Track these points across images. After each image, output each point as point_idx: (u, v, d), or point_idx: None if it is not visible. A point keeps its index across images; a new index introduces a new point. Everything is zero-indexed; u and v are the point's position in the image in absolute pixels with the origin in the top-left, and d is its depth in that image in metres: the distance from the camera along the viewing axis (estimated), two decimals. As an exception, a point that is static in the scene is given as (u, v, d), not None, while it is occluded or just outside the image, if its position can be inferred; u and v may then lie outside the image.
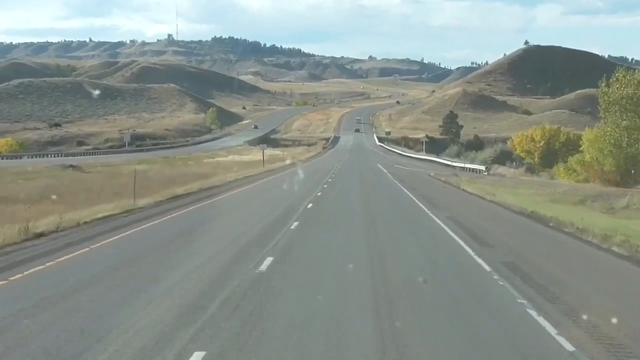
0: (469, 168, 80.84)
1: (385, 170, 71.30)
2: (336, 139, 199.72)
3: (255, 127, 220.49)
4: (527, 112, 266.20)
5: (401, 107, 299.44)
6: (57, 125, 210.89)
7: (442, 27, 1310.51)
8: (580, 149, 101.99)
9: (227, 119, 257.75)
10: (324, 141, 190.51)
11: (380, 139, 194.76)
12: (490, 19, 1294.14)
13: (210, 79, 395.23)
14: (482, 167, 75.52)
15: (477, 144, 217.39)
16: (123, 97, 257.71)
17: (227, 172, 74.15)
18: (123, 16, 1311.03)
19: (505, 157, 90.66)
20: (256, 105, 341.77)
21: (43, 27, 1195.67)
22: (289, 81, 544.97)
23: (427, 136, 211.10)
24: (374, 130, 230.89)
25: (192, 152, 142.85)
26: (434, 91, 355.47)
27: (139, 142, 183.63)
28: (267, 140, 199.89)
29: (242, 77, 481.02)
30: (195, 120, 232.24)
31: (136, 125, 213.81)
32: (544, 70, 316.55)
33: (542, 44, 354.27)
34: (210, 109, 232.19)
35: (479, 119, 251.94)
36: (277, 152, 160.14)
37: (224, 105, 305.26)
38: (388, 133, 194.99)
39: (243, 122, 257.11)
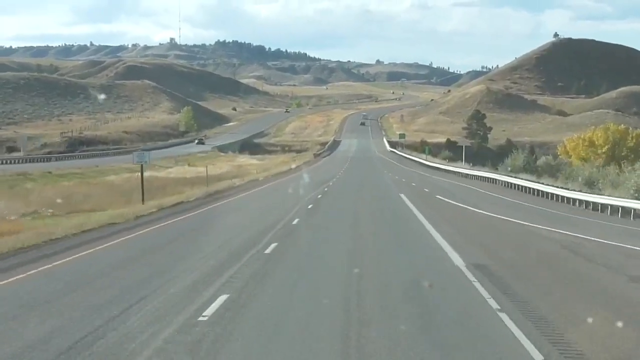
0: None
1: (458, 260, 17.10)
2: (335, 144, 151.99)
3: (200, 140, 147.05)
4: (562, 113, 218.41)
5: (413, 109, 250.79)
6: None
7: (450, 32, 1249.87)
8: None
9: (211, 120, 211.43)
10: (319, 146, 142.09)
11: (392, 144, 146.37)
12: (498, 25, 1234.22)
13: (204, 79, 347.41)
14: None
15: (509, 150, 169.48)
16: (87, 95, 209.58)
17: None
18: (130, 22, 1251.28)
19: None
20: (252, 107, 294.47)
21: (50, 33, 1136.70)
22: (294, 85, 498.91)
23: (448, 139, 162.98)
24: (384, 133, 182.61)
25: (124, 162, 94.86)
26: (449, 90, 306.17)
27: (84, 147, 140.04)
28: (248, 146, 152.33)
29: (245, 81, 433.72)
30: (168, 121, 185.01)
31: (92, 127, 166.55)
32: (577, 66, 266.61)
33: (574, 37, 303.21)
34: (185, 108, 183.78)
35: (507, 120, 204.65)
36: (252, 161, 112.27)
37: (213, 107, 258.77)
38: (402, 136, 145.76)
39: (228, 125, 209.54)
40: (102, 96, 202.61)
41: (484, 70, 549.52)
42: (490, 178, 61.12)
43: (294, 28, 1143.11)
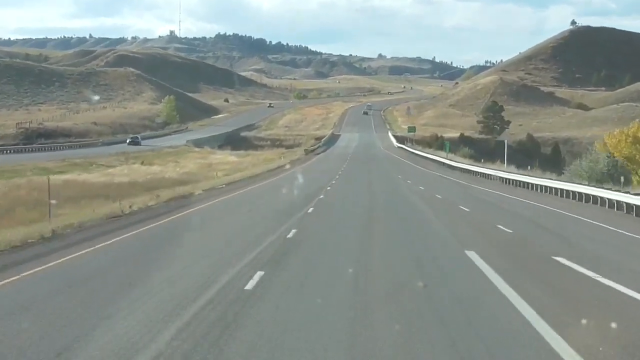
0: None
1: None
2: (334, 138, 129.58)
3: (134, 140, 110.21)
4: (583, 107, 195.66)
5: (419, 102, 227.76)
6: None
7: (454, 28, 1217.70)
8: None
9: (199, 112, 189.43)
10: (314, 141, 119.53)
11: (399, 139, 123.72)
12: (501, 20, 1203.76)
13: (199, 70, 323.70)
14: None
15: (531, 147, 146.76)
16: (63, 84, 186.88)
17: None
18: (132, 15, 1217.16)
19: None
20: (247, 100, 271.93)
21: (52, 27, 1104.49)
22: (294, 79, 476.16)
23: (462, 134, 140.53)
24: (388, 127, 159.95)
25: (54, 158, 72.18)
26: (457, 83, 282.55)
27: (42, 139, 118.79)
28: (233, 140, 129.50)
29: (244, 74, 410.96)
30: (148, 111, 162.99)
31: (59, 118, 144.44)
32: (596, 56, 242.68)
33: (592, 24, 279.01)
34: (167, 98, 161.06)
35: (523, 113, 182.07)
36: (230, 158, 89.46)
37: (206, 98, 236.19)
38: (412, 129, 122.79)
39: (217, 117, 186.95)
40: (96, 97, 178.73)
41: (488, 65, 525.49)
42: (577, 192, 36.12)
43: (296, 22, 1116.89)
